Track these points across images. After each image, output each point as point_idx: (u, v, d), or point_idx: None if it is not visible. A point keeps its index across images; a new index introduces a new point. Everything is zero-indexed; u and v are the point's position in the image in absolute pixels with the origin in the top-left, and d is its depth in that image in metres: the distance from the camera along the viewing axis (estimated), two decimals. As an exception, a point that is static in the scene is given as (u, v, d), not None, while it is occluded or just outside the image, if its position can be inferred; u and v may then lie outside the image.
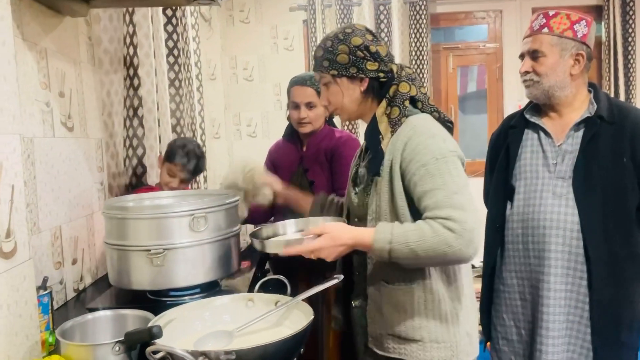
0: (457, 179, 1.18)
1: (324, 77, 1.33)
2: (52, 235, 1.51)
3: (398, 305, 1.27)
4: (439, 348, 1.26)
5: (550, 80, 1.55)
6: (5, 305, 1.04)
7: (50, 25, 1.56)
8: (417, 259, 1.15)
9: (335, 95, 1.33)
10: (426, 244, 1.13)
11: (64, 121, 1.62)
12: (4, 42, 1.07)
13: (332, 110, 1.38)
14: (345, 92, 1.31)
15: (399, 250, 1.15)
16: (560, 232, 1.54)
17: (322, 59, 1.32)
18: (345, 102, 1.32)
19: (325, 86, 1.34)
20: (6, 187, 1.05)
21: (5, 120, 1.06)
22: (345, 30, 1.31)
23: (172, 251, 1.33)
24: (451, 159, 1.21)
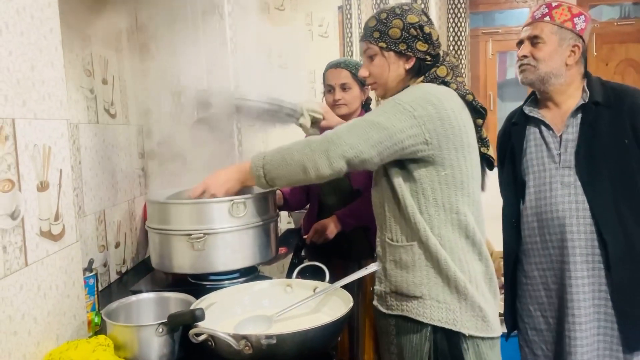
0: (373, 116, 1.23)
1: (371, 48, 1.32)
2: (96, 219, 1.55)
3: (400, 263, 1.29)
4: (440, 308, 1.24)
5: (547, 67, 1.58)
6: (55, 285, 1.07)
7: (94, 12, 1.59)
8: (284, 163, 1.24)
9: (378, 68, 1.32)
10: (293, 147, 1.24)
11: (107, 108, 1.65)
12: (51, 29, 1.10)
13: (370, 83, 1.37)
14: (390, 67, 1.31)
15: (270, 161, 1.25)
16: (574, 220, 1.56)
17: (373, 29, 1.31)
18: (387, 76, 1.32)
19: (369, 58, 1.33)
20: (55, 171, 1.08)
21: (54, 106, 1.09)
22: (402, 6, 1.31)
23: (212, 236, 1.35)
24: (400, 107, 1.22)
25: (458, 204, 1.26)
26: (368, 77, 1.36)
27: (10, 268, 0.93)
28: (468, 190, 1.28)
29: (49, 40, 1.08)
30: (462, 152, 1.26)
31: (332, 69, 2.04)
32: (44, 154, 1.05)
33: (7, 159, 0.93)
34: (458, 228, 1.26)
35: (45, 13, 1.07)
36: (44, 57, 1.06)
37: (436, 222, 1.25)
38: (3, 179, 0.92)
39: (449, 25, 3.62)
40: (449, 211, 1.26)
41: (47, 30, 1.08)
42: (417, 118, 1.21)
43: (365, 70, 1.36)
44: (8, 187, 0.94)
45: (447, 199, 1.26)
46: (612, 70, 3.75)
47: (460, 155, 1.26)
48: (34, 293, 1.00)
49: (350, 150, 1.20)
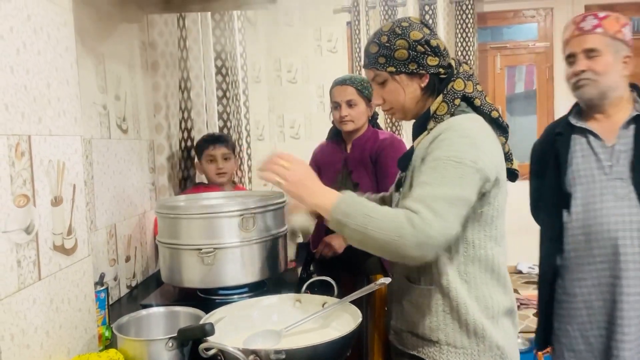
0: (456, 189, 1.08)
1: (380, 74, 1.24)
2: (107, 233, 1.57)
3: (418, 304, 1.24)
4: (457, 353, 1.20)
5: (608, 80, 1.54)
6: (67, 299, 1.08)
7: (107, 30, 1.62)
8: (365, 235, 1.06)
9: (392, 93, 1.24)
10: (381, 222, 1.05)
11: (119, 123, 1.68)
12: (67, 48, 1.13)
13: (387, 110, 1.29)
14: (405, 90, 1.23)
15: (352, 216, 1.07)
16: (627, 234, 1.50)
17: (377, 55, 1.22)
18: (404, 100, 1.24)
19: (380, 85, 1.26)
20: (68, 186, 1.10)
21: (68, 122, 1.11)
22: (401, 24, 1.22)
23: (222, 250, 1.36)
24: (466, 168, 1.10)
25: (487, 239, 1.21)
26: (383, 104, 1.28)
27: (24, 282, 0.95)
28: (496, 223, 1.22)
29: (64, 58, 1.11)
30: (498, 188, 1.19)
31: (338, 86, 2.06)
32: (58, 170, 1.07)
33: (23, 175, 0.95)
34: (485, 264, 1.21)
35: (61, 32, 1.10)
36: (59, 74, 1.09)
37: (462, 259, 1.19)
38: (19, 194, 0.94)
39: (457, 40, 3.64)
40: (477, 247, 1.20)
41: (63, 49, 1.11)
42: (479, 172, 1.12)
43: (379, 98, 1.28)
44: (23, 202, 0.96)
45: (477, 236, 1.20)
46: (621, 85, 3.75)
47: (496, 191, 1.19)
48: (46, 307, 1.01)
49: (444, 241, 1.08)
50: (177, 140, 2.13)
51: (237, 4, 1.71)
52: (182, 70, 2.10)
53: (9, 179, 0.91)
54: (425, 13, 3.59)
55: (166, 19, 2.03)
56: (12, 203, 0.92)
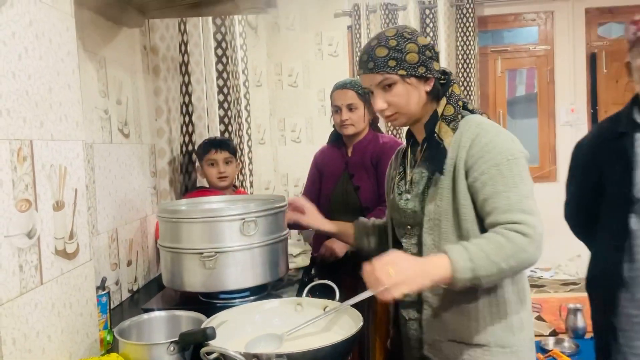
0: (527, 182, 1.15)
1: (389, 77, 1.21)
2: (109, 237, 1.57)
3: (461, 310, 1.21)
4: (505, 353, 1.20)
5: None
6: (68, 303, 1.08)
7: (109, 35, 1.63)
8: (501, 273, 1.09)
9: (400, 96, 1.23)
10: (506, 253, 1.07)
11: (121, 128, 1.69)
12: (68, 52, 1.13)
13: (389, 115, 1.26)
14: (413, 93, 1.23)
15: (482, 268, 1.06)
16: None
17: (387, 58, 1.21)
18: (410, 103, 1.24)
19: (385, 88, 1.23)
20: (70, 191, 1.10)
21: (70, 127, 1.11)
22: (406, 30, 1.25)
23: (224, 254, 1.36)
24: (521, 160, 1.17)
25: None
26: (387, 109, 1.25)
27: (26, 286, 0.95)
28: None
29: (66, 63, 1.11)
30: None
31: (338, 89, 2.07)
32: (60, 174, 1.07)
33: (25, 179, 0.96)
34: None
35: (63, 37, 1.11)
36: (61, 79, 1.09)
37: None
38: (21, 199, 0.94)
39: (458, 44, 3.65)
40: None
41: (65, 54, 1.12)
42: (527, 158, 1.20)
43: (382, 102, 1.24)
44: (25, 207, 0.96)
45: None
46: (622, 88, 3.74)
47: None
48: (48, 311, 1.01)
49: (542, 226, 1.12)
50: (178, 144, 2.13)
51: (237, 9, 1.71)
52: (183, 74, 2.11)
53: (11, 184, 0.92)
54: (425, 17, 3.59)
55: (167, 23, 2.04)
56: (14, 207, 0.92)
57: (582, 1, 3.71)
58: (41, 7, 1.03)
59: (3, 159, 0.90)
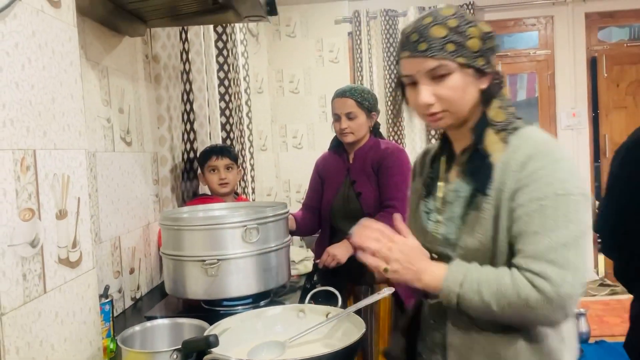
0: (573, 228, 0.92)
1: (445, 65, 0.98)
2: (111, 245, 1.58)
3: (494, 357, 0.99)
4: None
5: None
6: (72, 312, 1.09)
7: (111, 45, 1.64)
8: (491, 314, 0.94)
9: (455, 90, 0.99)
10: (503, 299, 0.91)
11: (123, 136, 1.70)
12: (71, 62, 1.14)
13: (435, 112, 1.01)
14: (469, 89, 1.00)
15: (468, 299, 0.94)
16: None
17: (445, 40, 0.97)
18: (463, 101, 1.00)
19: (436, 78, 0.99)
20: (73, 199, 1.11)
21: (73, 136, 1.12)
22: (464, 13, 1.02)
23: (226, 262, 1.36)
24: (574, 198, 0.93)
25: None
26: (433, 106, 1.00)
27: (29, 295, 0.95)
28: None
29: (69, 73, 1.12)
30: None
31: (337, 98, 2.08)
32: (62, 183, 1.08)
33: (28, 189, 0.96)
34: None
35: (65, 47, 1.12)
36: (64, 89, 1.10)
37: None
38: (24, 208, 0.95)
39: (458, 49, 3.66)
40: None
41: (68, 64, 1.12)
42: (585, 197, 0.96)
43: (430, 96, 1.00)
44: (28, 216, 0.97)
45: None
46: (623, 91, 3.75)
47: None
48: (51, 320, 1.02)
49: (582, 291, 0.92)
50: (180, 152, 2.14)
51: (239, 17, 1.72)
52: (185, 82, 2.12)
53: (14, 193, 0.92)
54: (425, 23, 3.61)
55: (169, 32, 2.05)
56: (17, 217, 0.93)
57: (582, 5, 3.72)
58: (44, 18, 1.04)
59: (6, 168, 0.91)
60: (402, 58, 1.02)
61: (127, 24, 1.66)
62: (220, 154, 2.04)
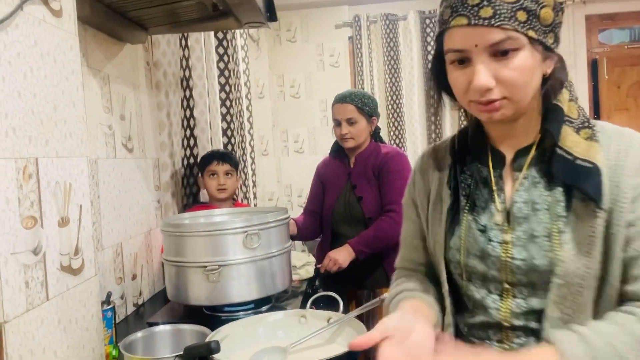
0: None
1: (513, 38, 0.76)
2: (113, 252, 1.59)
3: None
4: None
5: None
6: (74, 319, 1.09)
7: (112, 52, 1.65)
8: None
9: (520, 71, 0.77)
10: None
11: (125, 143, 1.70)
12: (73, 71, 1.15)
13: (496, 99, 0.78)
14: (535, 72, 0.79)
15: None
16: None
17: (517, 6, 0.75)
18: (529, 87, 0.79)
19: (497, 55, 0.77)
20: (75, 207, 1.11)
21: (74, 144, 1.13)
22: None
23: (227, 267, 1.37)
24: None
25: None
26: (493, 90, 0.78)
27: (32, 303, 0.96)
28: None
29: (70, 81, 1.13)
30: None
31: (338, 103, 2.08)
32: (64, 191, 1.08)
33: (30, 197, 0.97)
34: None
35: (67, 56, 1.13)
36: (65, 97, 1.11)
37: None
38: (26, 216, 0.96)
39: (458, 52, 3.66)
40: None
41: (69, 72, 1.13)
42: None
43: (491, 78, 0.77)
44: (31, 224, 0.97)
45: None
46: (624, 93, 3.75)
47: None
48: (54, 327, 1.02)
49: None
50: (180, 157, 2.15)
51: (239, 24, 1.73)
52: (185, 88, 2.13)
53: (17, 201, 0.93)
54: (426, 26, 3.62)
55: (169, 38, 2.07)
56: (20, 225, 0.94)
57: (582, 8, 3.72)
58: (46, 28, 1.05)
59: (9, 177, 0.91)
60: (454, 27, 0.78)
61: (128, 32, 1.67)
62: (221, 159, 2.04)
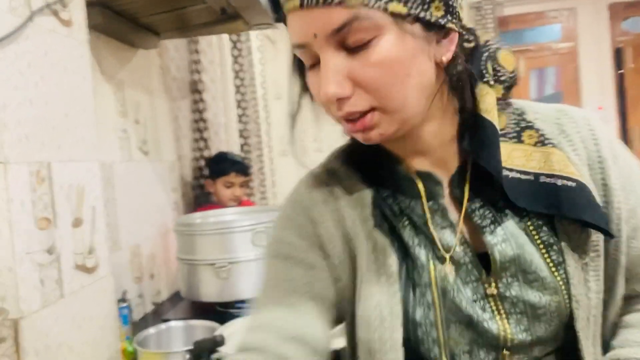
0: None
1: (362, 17, 0.53)
2: (131, 252, 1.64)
3: None
4: None
5: None
6: (88, 316, 1.14)
7: (125, 58, 1.71)
8: None
9: (385, 67, 0.55)
10: None
11: (140, 146, 1.76)
12: (84, 78, 1.20)
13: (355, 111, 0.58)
14: (415, 64, 0.56)
15: None
16: None
17: None
18: (409, 82, 0.56)
19: (352, 49, 0.55)
20: (88, 208, 1.16)
21: (86, 148, 1.18)
22: None
23: (236, 265, 1.40)
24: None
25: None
26: (350, 99, 0.56)
27: (47, 300, 1.01)
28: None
29: (81, 88, 1.18)
30: None
31: None
32: (78, 193, 1.13)
33: (44, 199, 1.02)
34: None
35: (77, 64, 1.18)
36: (77, 104, 1.16)
37: None
38: (40, 218, 1.01)
39: (477, 46, 3.62)
40: None
41: (80, 80, 1.18)
42: None
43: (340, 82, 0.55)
44: (45, 225, 1.02)
45: None
46: (649, 82, 3.65)
47: None
48: (69, 324, 1.07)
49: None
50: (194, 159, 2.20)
51: (247, 26, 1.76)
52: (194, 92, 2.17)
53: (31, 204, 0.98)
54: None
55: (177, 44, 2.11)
56: (34, 226, 0.99)
57: (605, -4, 3.65)
58: (56, 37, 1.10)
59: (23, 180, 0.96)
60: (288, 13, 0.56)
61: (141, 38, 1.72)
62: (240, 171, 2.06)
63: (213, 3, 1.55)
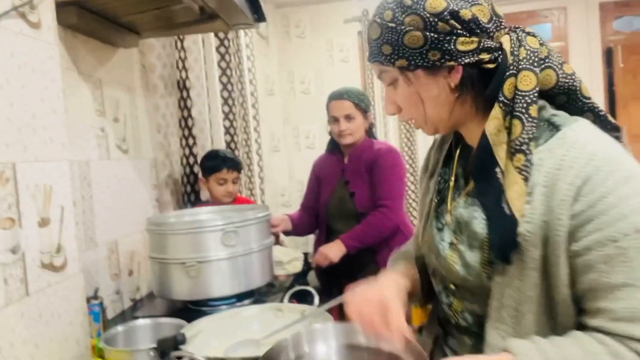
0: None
1: (385, 71, 0.83)
2: (108, 249, 1.66)
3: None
4: None
5: None
6: (56, 313, 1.16)
7: (105, 57, 1.72)
8: None
9: (404, 98, 0.84)
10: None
11: (119, 144, 1.77)
12: (53, 79, 1.21)
13: (407, 119, 0.88)
14: (425, 93, 0.81)
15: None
16: None
17: (379, 42, 0.81)
18: (425, 109, 0.83)
19: (391, 85, 0.85)
20: (56, 208, 1.18)
21: (55, 149, 1.19)
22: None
23: (206, 264, 1.42)
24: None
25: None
26: (401, 114, 0.87)
27: (10, 298, 1.03)
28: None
29: (50, 89, 1.20)
30: None
31: (334, 100, 2.11)
32: (44, 193, 1.15)
33: (8, 199, 1.04)
34: None
35: (46, 65, 1.19)
36: (45, 105, 1.17)
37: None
38: (4, 218, 1.02)
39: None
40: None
41: (49, 81, 1.20)
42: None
43: (392, 104, 0.87)
44: (9, 225, 1.04)
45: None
46: None
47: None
48: (35, 321, 1.09)
49: None
50: (178, 157, 2.21)
51: (226, 26, 1.77)
52: (181, 89, 2.19)
53: (-6, 204, 1.00)
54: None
55: (164, 42, 2.12)
56: (-3, 226, 1.01)
57: (595, -5, 3.64)
58: (23, 40, 1.12)
59: (-15, 182, 0.98)
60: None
61: (120, 37, 1.73)
62: (232, 167, 2.08)
63: (190, 3, 1.57)
